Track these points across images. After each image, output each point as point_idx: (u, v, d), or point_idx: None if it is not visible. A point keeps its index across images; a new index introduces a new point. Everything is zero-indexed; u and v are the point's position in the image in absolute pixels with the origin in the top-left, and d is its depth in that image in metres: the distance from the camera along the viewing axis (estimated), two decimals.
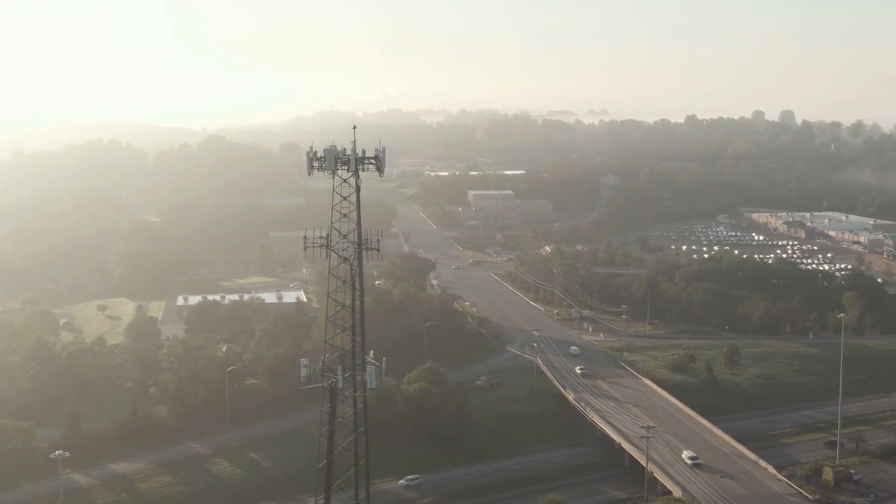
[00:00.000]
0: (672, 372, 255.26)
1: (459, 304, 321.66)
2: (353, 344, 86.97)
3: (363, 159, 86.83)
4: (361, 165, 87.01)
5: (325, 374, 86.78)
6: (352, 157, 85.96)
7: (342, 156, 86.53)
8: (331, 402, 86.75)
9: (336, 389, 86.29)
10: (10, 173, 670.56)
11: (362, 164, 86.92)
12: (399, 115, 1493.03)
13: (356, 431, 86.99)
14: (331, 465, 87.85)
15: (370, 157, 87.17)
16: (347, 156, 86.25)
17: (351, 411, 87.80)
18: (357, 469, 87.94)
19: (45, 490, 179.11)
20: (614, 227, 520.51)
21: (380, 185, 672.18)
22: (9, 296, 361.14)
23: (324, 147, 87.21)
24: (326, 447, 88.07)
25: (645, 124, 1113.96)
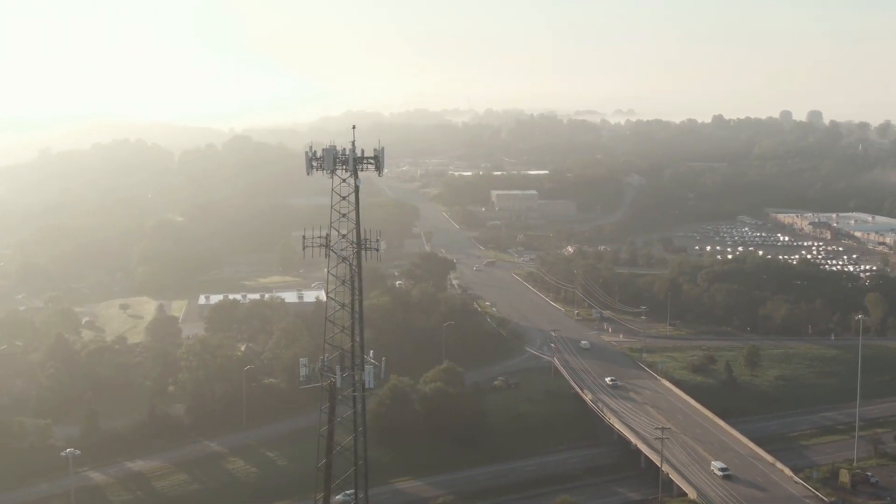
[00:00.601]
0: (691, 373, 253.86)
1: (479, 304, 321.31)
2: (352, 344, 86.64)
3: (362, 159, 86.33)
4: (360, 165, 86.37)
5: (324, 374, 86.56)
6: (350, 157, 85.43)
7: (340, 156, 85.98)
8: (330, 401, 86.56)
9: (335, 389, 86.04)
10: (38, 173, 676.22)
11: (361, 164, 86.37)
12: (425, 115, 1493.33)
13: (355, 431, 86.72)
14: (330, 465, 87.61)
15: (369, 157, 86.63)
16: (346, 156, 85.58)
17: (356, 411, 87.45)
18: (357, 469, 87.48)
19: (61, 488, 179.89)
20: (638, 227, 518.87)
21: (403, 184, 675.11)
22: (33, 294, 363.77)
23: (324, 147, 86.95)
24: (326, 446, 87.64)
25: (671, 124, 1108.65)
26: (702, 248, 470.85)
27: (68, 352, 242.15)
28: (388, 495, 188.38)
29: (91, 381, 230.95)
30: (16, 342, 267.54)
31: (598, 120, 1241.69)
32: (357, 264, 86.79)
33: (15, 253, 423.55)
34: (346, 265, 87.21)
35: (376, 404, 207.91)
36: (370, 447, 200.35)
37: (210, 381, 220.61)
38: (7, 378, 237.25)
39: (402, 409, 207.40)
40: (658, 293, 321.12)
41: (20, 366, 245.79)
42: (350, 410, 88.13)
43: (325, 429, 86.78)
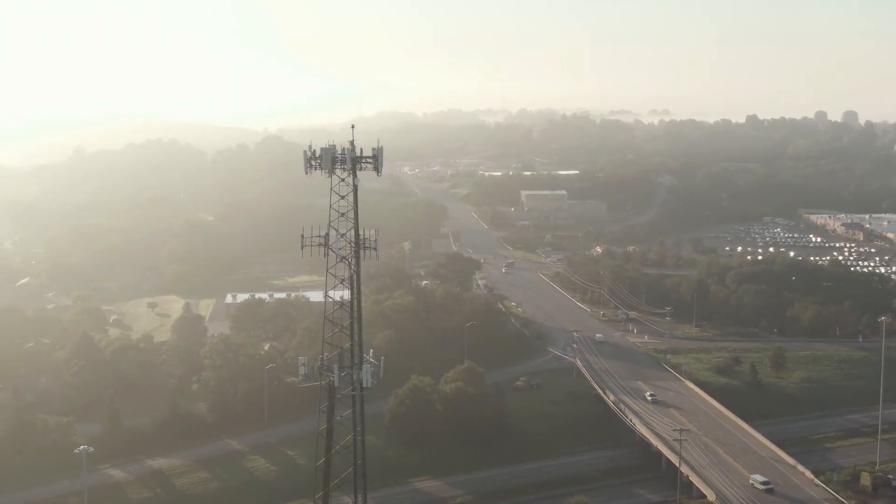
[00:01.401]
0: (716, 375, 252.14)
1: (505, 304, 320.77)
2: (351, 343, 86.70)
3: (360, 159, 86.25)
4: (359, 165, 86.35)
5: (322, 373, 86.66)
6: (347, 157, 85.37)
7: (339, 155, 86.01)
8: (329, 400, 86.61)
9: (333, 388, 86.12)
10: (71, 172, 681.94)
11: (360, 163, 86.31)
12: (458, 116, 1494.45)
13: (354, 430, 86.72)
14: (329, 464, 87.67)
15: (367, 157, 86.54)
16: (344, 155, 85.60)
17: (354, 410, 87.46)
18: (356, 468, 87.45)
19: (81, 485, 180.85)
20: (669, 227, 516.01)
21: (433, 185, 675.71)
22: (63, 293, 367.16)
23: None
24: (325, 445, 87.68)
25: (705, 124, 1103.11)
26: (732, 248, 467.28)
27: (93, 350, 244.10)
28: (407, 495, 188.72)
29: (115, 379, 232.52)
30: (43, 340, 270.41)
31: (632, 120, 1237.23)
32: (356, 264, 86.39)
33: (47, 252, 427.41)
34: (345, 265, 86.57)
35: (396, 404, 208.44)
36: (390, 447, 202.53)
37: (233, 379, 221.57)
38: (32, 375, 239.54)
39: (422, 409, 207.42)
40: (685, 294, 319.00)
41: (46, 363, 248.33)
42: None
43: (325, 428, 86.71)
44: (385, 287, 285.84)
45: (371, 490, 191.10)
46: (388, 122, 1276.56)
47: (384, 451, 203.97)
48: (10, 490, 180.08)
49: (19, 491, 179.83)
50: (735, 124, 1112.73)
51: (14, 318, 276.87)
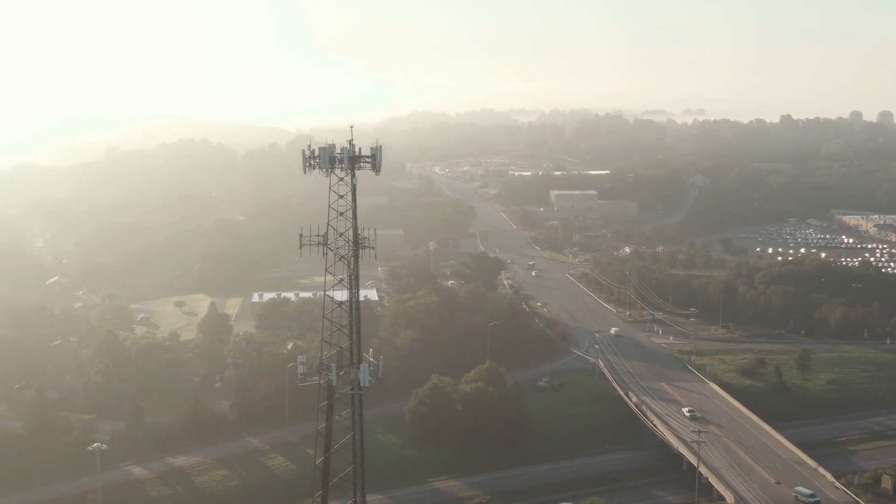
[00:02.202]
0: (741, 376, 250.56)
1: (530, 304, 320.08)
2: (350, 342, 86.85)
3: (359, 158, 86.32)
4: (357, 164, 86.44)
5: (321, 372, 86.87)
6: (345, 156, 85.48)
7: (337, 155, 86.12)
8: (328, 399, 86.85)
9: (331, 387, 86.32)
10: (104, 172, 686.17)
11: (358, 162, 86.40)
12: (491, 115, 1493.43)
13: (354, 430, 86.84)
14: (328, 462, 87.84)
15: (366, 156, 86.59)
16: (341, 155, 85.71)
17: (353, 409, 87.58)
18: (355, 467, 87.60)
19: (103, 482, 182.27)
20: (699, 228, 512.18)
21: (463, 184, 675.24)
22: (92, 291, 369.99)
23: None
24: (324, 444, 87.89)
25: (739, 124, 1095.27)
26: (763, 249, 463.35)
27: (118, 348, 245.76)
28: (425, 494, 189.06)
29: (139, 377, 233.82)
30: (70, 338, 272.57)
31: (665, 120, 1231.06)
32: (354, 264, 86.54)
33: (77, 251, 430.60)
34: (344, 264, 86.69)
35: (416, 403, 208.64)
36: (409, 446, 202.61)
37: (255, 378, 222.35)
38: (58, 373, 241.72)
39: (442, 409, 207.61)
40: (713, 295, 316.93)
41: (71, 361, 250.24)
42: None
43: (324, 426, 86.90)
44: (409, 287, 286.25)
45: (390, 489, 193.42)
46: (420, 122, 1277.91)
47: (404, 451, 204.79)
48: (31, 486, 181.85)
49: (41, 487, 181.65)
50: (769, 124, 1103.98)
51: (41, 317, 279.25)
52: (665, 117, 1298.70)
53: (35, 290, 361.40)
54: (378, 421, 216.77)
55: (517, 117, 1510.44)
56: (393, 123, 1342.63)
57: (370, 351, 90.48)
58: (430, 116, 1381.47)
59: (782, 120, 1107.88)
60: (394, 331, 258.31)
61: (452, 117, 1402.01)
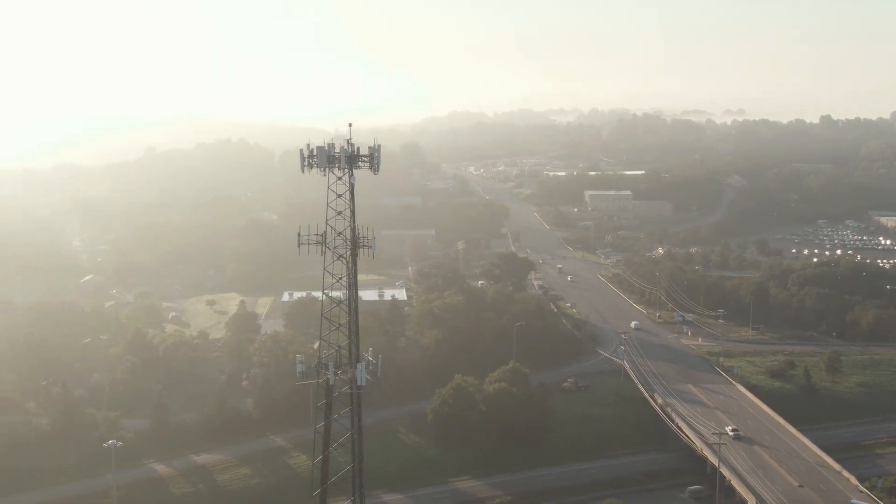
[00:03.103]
0: (770, 378, 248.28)
1: (559, 305, 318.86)
2: (349, 341, 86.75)
3: (357, 157, 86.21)
4: (356, 164, 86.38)
5: (320, 371, 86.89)
6: (342, 155, 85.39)
7: (335, 154, 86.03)
8: (326, 398, 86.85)
9: (330, 386, 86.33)
10: (142, 171, 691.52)
11: (356, 162, 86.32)
12: (529, 115, 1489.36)
13: (353, 429, 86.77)
14: (326, 461, 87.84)
15: (364, 156, 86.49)
16: (339, 154, 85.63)
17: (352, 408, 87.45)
18: (354, 466, 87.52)
19: (124, 479, 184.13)
20: (735, 229, 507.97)
21: (498, 185, 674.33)
22: (126, 290, 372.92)
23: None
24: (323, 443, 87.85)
25: (778, 124, 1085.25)
26: (799, 250, 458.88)
27: (146, 346, 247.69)
28: (445, 494, 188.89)
29: (166, 375, 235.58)
30: (100, 336, 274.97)
31: (704, 120, 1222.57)
32: (352, 263, 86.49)
33: (112, 249, 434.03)
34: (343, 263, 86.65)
35: (439, 403, 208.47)
36: (431, 446, 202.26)
37: (280, 377, 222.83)
38: (86, 371, 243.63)
39: (465, 409, 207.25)
40: (744, 297, 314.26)
41: (100, 359, 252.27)
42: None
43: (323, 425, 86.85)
44: (436, 286, 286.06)
45: (411, 489, 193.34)
46: (458, 122, 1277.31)
47: (426, 450, 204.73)
48: (54, 483, 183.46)
49: (64, 484, 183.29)
50: (809, 124, 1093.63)
51: (72, 315, 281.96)
52: (704, 117, 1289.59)
53: (69, 289, 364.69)
54: (401, 420, 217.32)
55: (556, 117, 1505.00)
56: (430, 123, 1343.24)
57: (370, 350, 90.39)
58: (469, 116, 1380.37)
59: (822, 120, 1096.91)
60: (420, 330, 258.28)
61: (490, 117, 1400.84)
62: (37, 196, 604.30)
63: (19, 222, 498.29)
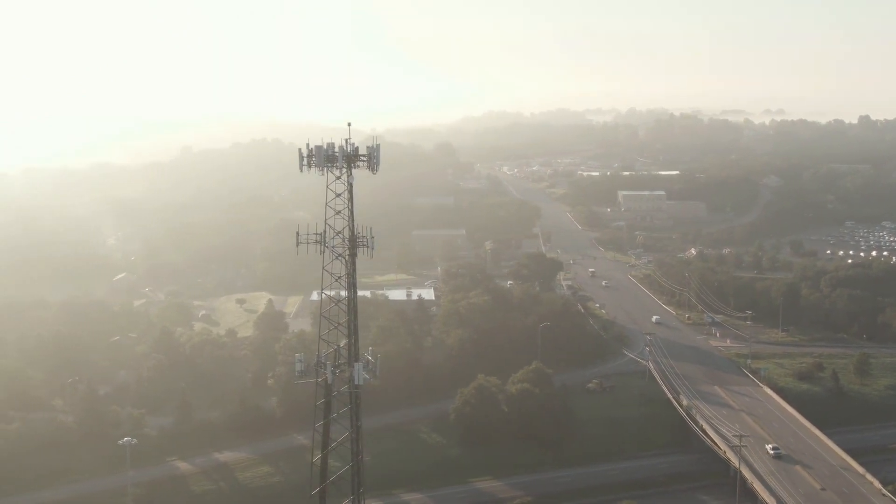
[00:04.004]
0: (797, 381, 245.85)
1: (588, 305, 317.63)
2: (348, 340, 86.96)
3: (355, 157, 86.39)
4: (354, 163, 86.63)
5: (319, 370, 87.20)
6: (339, 154, 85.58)
7: (333, 153, 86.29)
8: (325, 396, 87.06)
9: (328, 385, 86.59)
10: (177, 170, 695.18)
11: (355, 161, 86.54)
12: (566, 115, 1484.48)
13: (351, 428, 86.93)
14: (325, 460, 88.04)
15: (362, 155, 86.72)
16: (336, 153, 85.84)
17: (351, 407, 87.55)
18: (353, 465, 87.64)
19: (148, 476, 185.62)
20: (770, 230, 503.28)
21: (531, 184, 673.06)
22: (158, 288, 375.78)
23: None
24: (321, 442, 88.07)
25: (817, 125, 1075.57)
26: (834, 252, 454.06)
27: (172, 344, 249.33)
28: (465, 494, 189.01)
29: (192, 373, 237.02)
30: (129, 334, 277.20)
31: (742, 120, 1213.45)
32: (351, 262, 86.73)
33: (145, 248, 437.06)
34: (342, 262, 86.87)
35: (461, 403, 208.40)
36: (453, 446, 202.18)
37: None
38: (112, 368, 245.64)
39: (487, 409, 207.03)
40: (775, 298, 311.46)
41: (127, 357, 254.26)
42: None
43: (322, 424, 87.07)
44: (462, 286, 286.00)
45: (432, 489, 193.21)
46: (494, 122, 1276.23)
47: (447, 450, 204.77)
48: (77, 479, 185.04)
49: (86, 480, 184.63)
50: (847, 125, 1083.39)
51: (101, 313, 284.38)
52: (742, 117, 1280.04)
53: (102, 288, 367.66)
54: (424, 420, 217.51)
55: (593, 117, 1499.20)
56: (467, 123, 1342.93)
57: (370, 349, 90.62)
58: (505, 116, 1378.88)
59: (861, 121, 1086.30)
60: (445, 330, 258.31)
61: (527, 117, 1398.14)
62: (73, 195, 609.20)
63: (55, 221, 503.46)
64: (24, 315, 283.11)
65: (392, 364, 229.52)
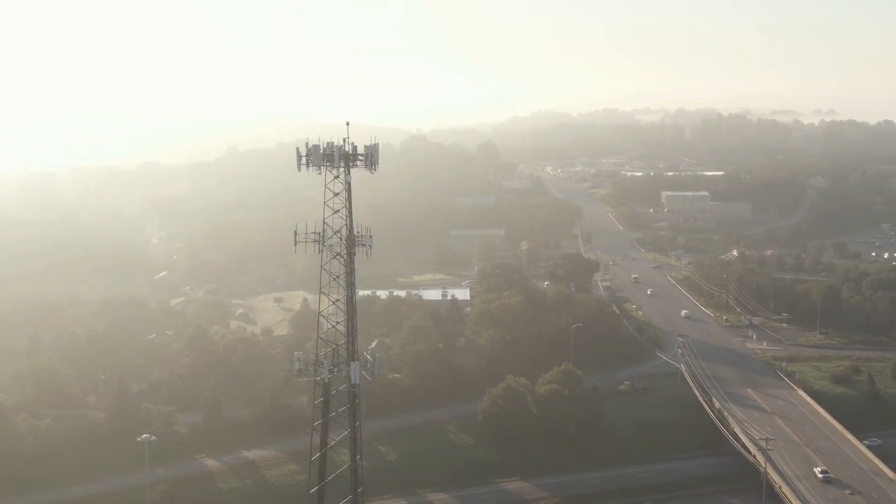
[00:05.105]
0: (833, 384, 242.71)
1: (624, 307, 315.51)
2: (347, 339, 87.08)
3: (353, 156, 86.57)
4: (352, 162, 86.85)
5: (317, 369, 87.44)
6: (335, 153, 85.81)
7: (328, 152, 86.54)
8: (324, 395, 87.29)
9: (328, 384, 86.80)
10: (222, 170, 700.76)
11: (353, 161, 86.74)
12: (613, 115, 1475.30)
13: (350, 427, 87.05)
14: (324, 458, 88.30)
15: (360, 154, 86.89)
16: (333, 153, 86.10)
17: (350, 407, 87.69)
18: (352, 464, 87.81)
19: (174, 473, 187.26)
20: (815, 231, 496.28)
21: (574, 185, 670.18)
22: (198, 286, 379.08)
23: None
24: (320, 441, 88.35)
25: (866, 125, 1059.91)
26: (879, 254, 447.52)
27: (206, 342, 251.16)
28: (491, 495, 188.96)
29: (224, 371, 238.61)
30: (166, 332, 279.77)
31: (791, 120, 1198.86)
32: (349, 261, 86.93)
33: (187, 247, 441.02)
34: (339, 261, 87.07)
35: (490, 404, 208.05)
36: (481, 446, 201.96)
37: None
38: (147, 366, 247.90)
39: (515, 410, 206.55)
40: (815, 300, 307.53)
41: (162, 354, 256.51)
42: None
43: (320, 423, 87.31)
44: (496, 287, 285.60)
45: (458, 489, 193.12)
46: (541, 122, 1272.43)
47: (475, 451, 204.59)
48: (106, 476, 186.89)
49: (115, 477, 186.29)
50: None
51: (138, 310, 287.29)
52: (792, 118, 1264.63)
53: (144, 286, 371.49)
54: (453, 420, 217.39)
55: (641, 117, 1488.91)
56: (513, 124, 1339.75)
57: (369, 349, 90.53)
58: (552, 116, 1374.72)
59: None
60: (477, 331, 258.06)
61: (574, 117, 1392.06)
62: (119, 195, 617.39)
63: (100, 220, 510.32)
64: (62, 313, 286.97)
65: (422, 364, 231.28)
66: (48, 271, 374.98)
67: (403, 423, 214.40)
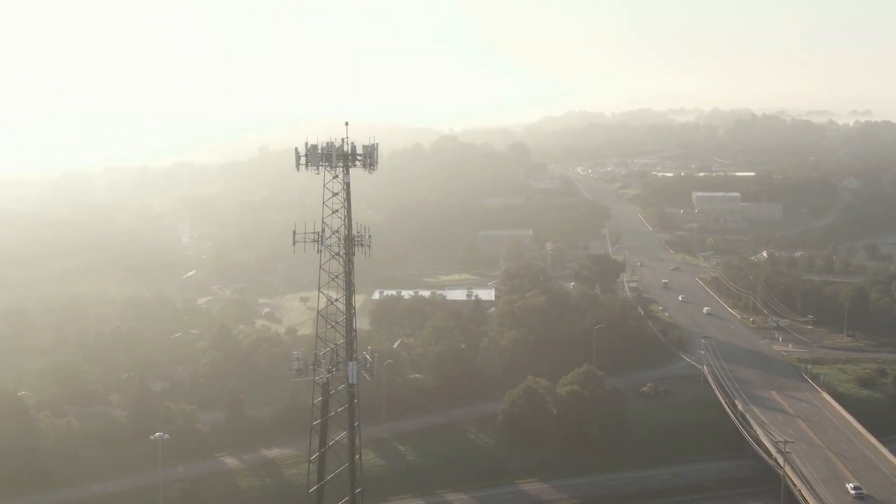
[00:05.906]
0: (858, 387, 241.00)
1: (650, 308, 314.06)
2: (346, 339, 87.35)
3: (352, 156, 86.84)
4: (351, 162, 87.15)
5: (316, 369, 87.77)
6: (333, 153, 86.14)
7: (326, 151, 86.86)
8: (323, 395, 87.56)
9: (327, 384, 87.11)
10: (254, 170, 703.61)
11: (352, 160, 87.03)
12: (647, 115, 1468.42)
13: (350, 427, 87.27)
14: (324, 458, 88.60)
15: (359, 154, 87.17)
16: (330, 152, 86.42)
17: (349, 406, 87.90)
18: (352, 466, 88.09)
19: (195, 471, 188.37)
20: (847, 233, 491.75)
21: (604, 185, 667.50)
22: (226, 286, 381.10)
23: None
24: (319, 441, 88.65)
25: None
26: None
27: (230, 341, 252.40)
28: (510, 496, 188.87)
29: (247, 369, 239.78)
30: (191, 330, 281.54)
31: (825, 121, 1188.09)
32: (348, 261, 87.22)
33: (216, 247, 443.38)
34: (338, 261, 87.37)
35: (510, 405, 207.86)
36: (501, 447, 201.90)
37: None
38: (170, 364, 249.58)
39: (535, 411, 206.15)
40: (843, 302, 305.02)
41: (187, 353, 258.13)
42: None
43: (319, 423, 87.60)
44: (520, 287, 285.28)
45: (477, 489, 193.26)
46: (573, 122, 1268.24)
47: (495, 451, 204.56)
48: (127, 473, 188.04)
49: (135, 474, 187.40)
50: None
51: (164, 309, 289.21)
52: (827, 118, 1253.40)
53: (173, 285, 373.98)
54: (472, 421, 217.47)
55: (675, 117, 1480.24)
56: (546, 123, 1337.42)
57: (368, 348, 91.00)
58: (585, 116, 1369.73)
59: None
60: (500, 331, 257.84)
61: (607, 117, 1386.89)
62: (152, 194, 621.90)
63: (132, 219, 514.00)
64: (89, 311, 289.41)
65: (443, 364, 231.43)
66: (79, 270, 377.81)
67: (424, 423, 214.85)
